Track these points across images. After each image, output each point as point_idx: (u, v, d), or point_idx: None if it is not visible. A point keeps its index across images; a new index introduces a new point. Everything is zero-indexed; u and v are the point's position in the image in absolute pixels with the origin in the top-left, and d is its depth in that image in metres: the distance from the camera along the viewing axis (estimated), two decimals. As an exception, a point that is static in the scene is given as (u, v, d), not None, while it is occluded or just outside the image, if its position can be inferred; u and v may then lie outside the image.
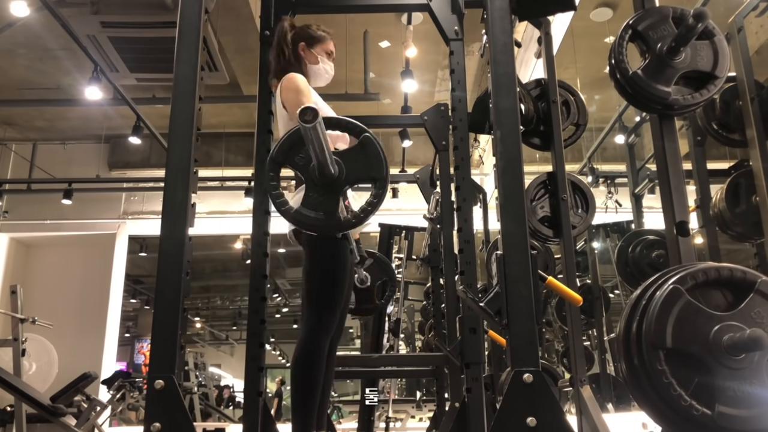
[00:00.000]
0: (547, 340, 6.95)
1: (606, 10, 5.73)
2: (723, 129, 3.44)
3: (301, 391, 2.07)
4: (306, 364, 2.09)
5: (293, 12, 2.61)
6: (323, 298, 2.16)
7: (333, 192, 1.67)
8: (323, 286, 2.17)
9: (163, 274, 1.66)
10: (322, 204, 1.66)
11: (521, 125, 1.79)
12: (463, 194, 2.59)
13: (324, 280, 2.17)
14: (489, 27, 1.85)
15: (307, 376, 2.08)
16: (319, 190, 1.66)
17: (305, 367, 2.08)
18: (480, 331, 2.49)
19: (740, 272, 1.42)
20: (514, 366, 1.56)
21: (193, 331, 15.77)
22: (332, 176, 1.64)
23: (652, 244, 3.98)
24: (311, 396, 2.07)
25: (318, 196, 1.66)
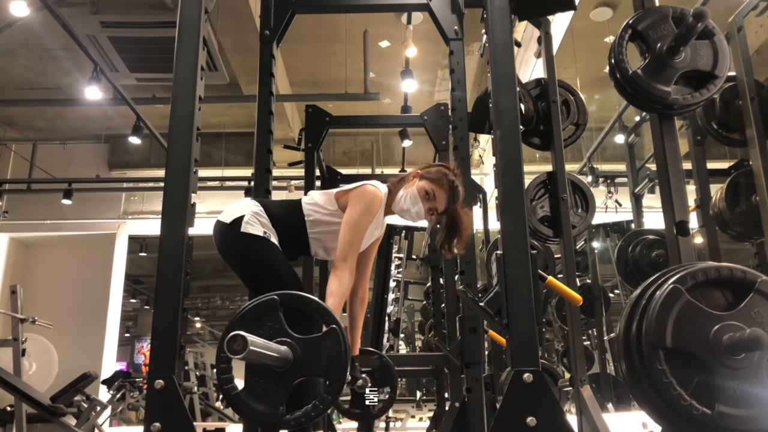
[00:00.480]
0: (547, 340, 6.95)
1: (606, 10, 5.73)
2: (723, 128, 3.45)
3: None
4: None
5: (293, 12, 2.61)
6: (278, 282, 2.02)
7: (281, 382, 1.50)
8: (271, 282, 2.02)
9: (163, 274, 1.66)
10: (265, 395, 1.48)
11: (521, 125, 1.79)
12: (463, 194, 2.59)
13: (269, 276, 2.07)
14: (489, 27, 1.85)
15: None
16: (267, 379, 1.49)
17: None
18: (480, 331, 2.49)
19: (740, 272, 1.42)
20: (514, 366, 1.56)
21: (193, 331, 15.76)
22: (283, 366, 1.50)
23: (652, 244, 3.98)
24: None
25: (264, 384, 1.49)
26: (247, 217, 2.09)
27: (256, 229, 2.08)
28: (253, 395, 1.49)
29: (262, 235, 2.08)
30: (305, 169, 3.53)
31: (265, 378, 1.50)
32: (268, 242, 2.09)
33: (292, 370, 1.50)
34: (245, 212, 2.11)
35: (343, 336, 1.52)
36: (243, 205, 2.17)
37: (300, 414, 1.49)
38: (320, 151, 3.74)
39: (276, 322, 1.52)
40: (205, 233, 2.19)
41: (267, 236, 2.09)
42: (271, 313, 1.52)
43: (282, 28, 2.59)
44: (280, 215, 2.16)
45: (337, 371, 1.50)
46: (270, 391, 1.49)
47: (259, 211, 2.13)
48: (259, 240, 2.07)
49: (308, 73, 6.89)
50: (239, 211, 2.12)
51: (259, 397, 1.49)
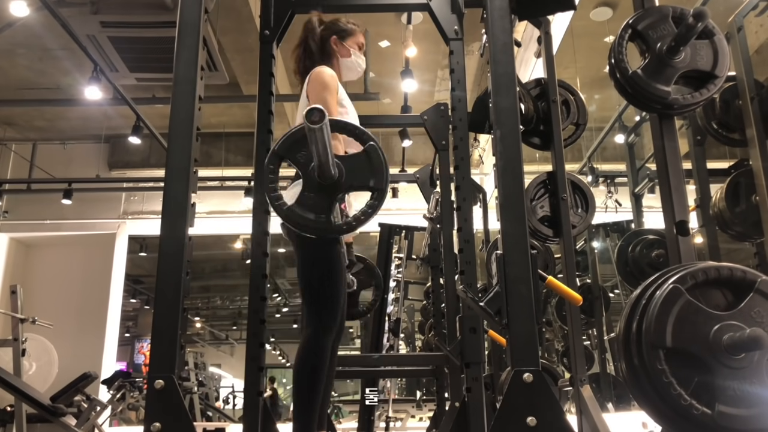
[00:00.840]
0: (547, 340, 6.95)
1: (606, 10, 5.73)
2: (723, 128, 3.44)
3: (304, 392, 2.06)
4: (309, 366, 2.08)
5: (293, 12, 2.60)
6: (322, 300, 2.15)
7: (330, 195, 1.64)
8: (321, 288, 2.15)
9: (163, 274, 1.66)
10: (317, 205, 1.63)
11: (521, 125, 1.79)
12: (462, 194, 2.60)
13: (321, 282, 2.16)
14: (489, 26, 1.85)
15: (311, 378, 2.07)
16: (316, 190, 1.63)
17: (309, 369, 2.08)
18: (480, 331, 2.49)
19: (740, 272, 1.42)
20: (514, 366, 1.56)
21: (193, 331, 15.76)
22: (331, 179, 1.62)
23: (652, 244, 3.98)
24: (314, 397, 2.07)
25: (314, 196, 1.63)
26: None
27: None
28: (305, 207, 1.63)
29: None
30: (305, 169, 3.52)
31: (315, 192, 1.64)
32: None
33: (339, 183, 1.64)
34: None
35: (380, 150, 1.66)
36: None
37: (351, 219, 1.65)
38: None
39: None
40: (206, 233, 2.20)
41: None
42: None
43: (282, 28, 2.59)
44: None
45: (381, 180, 1.65)
46: (319, 204, 1.63)
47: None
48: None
49: (308, 73, 6.88)
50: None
51: (310, 208, 1.63)
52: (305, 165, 1.64)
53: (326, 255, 2.15)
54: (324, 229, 1.64)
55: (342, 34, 2.47)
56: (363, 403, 4.19)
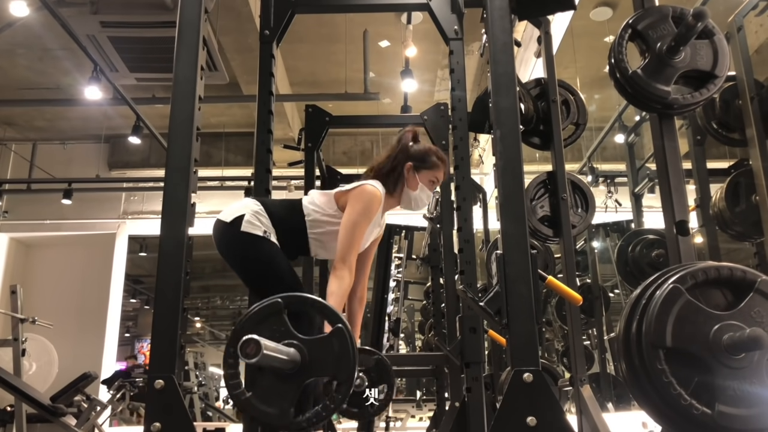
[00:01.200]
0: (547, 340, 6.95)
1: (606, 10, 5.73)
2: (723, 128, 3.44)
3: None
4: None
5: (293, 12, 2.61)
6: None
7: (291, 385, 1.49)
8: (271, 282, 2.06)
9: (163, 274, 1.66)
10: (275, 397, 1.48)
11: (521, 125, 1.79)
12: (462, 194, 2.60)
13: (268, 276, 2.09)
14: (489, 26, 1.85)
15: None
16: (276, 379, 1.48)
17: None
18: (480, 331, 2.49)
19: (740, 271, 1.42)
20: (514, 365, 1.56)
21: (193, 331, 15.76)
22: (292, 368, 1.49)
23: (651, 244, 3.98)
24: None
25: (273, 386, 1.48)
26: (248, 216, 2.09)
27: (256, 229, 2.08)
28: (263, 399, 1.48)
29: (261, 234, 2.08)
30: (305, 169, 3.53)
31: (274, 381, 1.49)
32: (268, 242, 2.09)
33: (301, 372, 1.50)
34: (245, 211, 2.11)
35: (349, 335, 1.52)
36: (243, 204, 2.17)
37: (311, 415, 1.48)
38: (320, 150, 3.74)
39: (281, 324, 1.51)
40: (205, 233, 2.19)
41: (267, 235, 2.09)
42: (276, 316, 1.52)
43: (282, 27, 2.59)
44: (280, 215, 2.17)
45: (345, 371, 1.50)
46: (280, 394, 1.48)
47: (259, 210, 2.13)
48: (259, 239, 2.07)
49: (308, 73, 6.89)
50: (239, 210, 2.12)
51: (269, 400, 1.48)
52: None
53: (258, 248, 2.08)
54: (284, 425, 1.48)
55: (419, 165, 2.31)
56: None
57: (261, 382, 1.49)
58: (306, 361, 1.49)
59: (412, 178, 2.29)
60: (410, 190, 2.30)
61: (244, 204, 2.17)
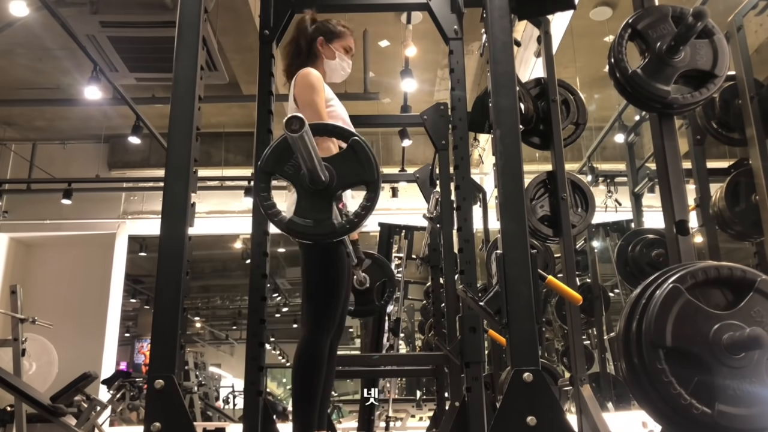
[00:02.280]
0: (547, 339, 6.95)
1: (605, 9, 5.73)
2: (722, 128, 3.44)
3: (302, 392, 2.07)
4: (307, 366, 2.09)
5: (293, 11, 2.60)
6: (322, 303, 2.17)
7: (325, 198, 1.62)
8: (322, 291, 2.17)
9: (163, 274, 1.66)
10: (314, 211, 1.61)
11: (521, 124, 1.79)
12: (462, 193, 2.60)
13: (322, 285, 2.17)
14: (488, 26, 1.85)
15: (309, 378, 2.08)
16: (311, 197, 1.62)
17: (306, 369, 2.09)
18: (480, 331, 2.49)
19: (740, 271, 1.42)
20: (514, 365, 1.56)
21: (193, 331, 15.76)
22: (323, 183, 1.60)
23: (651, 243, 3.98)
24: (313, 397, 2.07)
25: (309, 203, 1.62)
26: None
27: None
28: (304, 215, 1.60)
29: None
30: (305, 169, 3.52)
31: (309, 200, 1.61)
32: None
33: (331, 185, 1.61)
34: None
35: (364, 144, 1.62)
36: None
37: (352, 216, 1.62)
38: (320, 150, 3.73)
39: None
40: (205, 233, 2.20)
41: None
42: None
43: (282, 27, 2.59)
44: None
45: (372, 173, 1.62)
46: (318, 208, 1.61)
47: None
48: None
49: (308, 72, 6.88)
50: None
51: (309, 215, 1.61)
52: (294, 175, 1.62)
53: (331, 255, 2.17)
54: (327, 233, 1.62)
55: (329, 36, 2.46)
56: (363, 403, 4.19)
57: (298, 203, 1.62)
58: (334, 176, 1.61)
59: (327, 49, 2.45)
60: (330, 60, 2.45)
61: None
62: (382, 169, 8.06)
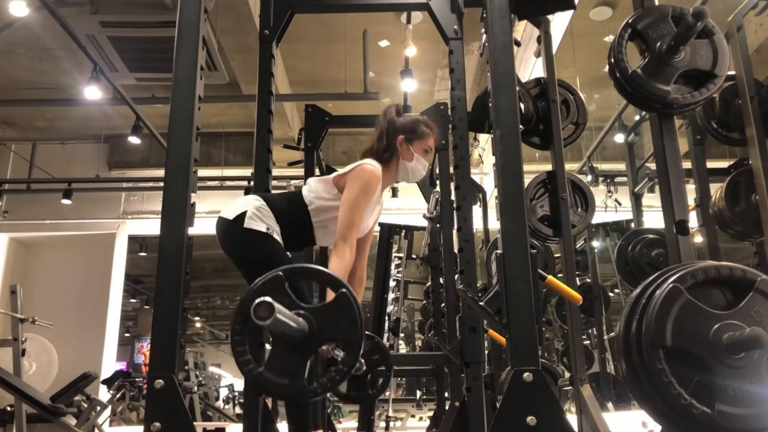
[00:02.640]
0: (547, 339, 6.95)
1: (605, 9, 5.73)
2: (722, 128, 3.44)
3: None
4: None
5: (293, 11, 2.61)
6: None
7: (301, 353, 1.49)
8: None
9: (163, 274, 1.66)
10: (288, 367, 1.48)
11: (521, 124, 1.79)
12: (462, 193, 2.60)
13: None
14: (488, 26, 1.85)
15: None
16: (286, 351, 1.49)
17: None
18: (480, 331, 2.49)
19: (740, 271, 1.42)
20: (514, 365, 1.56)
21: (193, 331, 15.77)
22: (301, 337, 1.49)
23: (651, 243, 3.98)
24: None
25: (285, 357, 1.49)
26: (250, 212, 2.12)
27: (259, 225, 2.11)
28: (275, 371, 1.48)
29: (264, 230, 2.10)
30: (305, 169, 3.53)
31: (284, 353, 1.50)
32: (271, 238, 2.12)
33: (310, 340, 1.50)
34: (247, 208, 2.13)
35: (353, 298, 1.53)
36: (245, 201, 2.19)
37: (326, 380, 1.49)
38: (320, 150, 3.74)
39: (285, 296, 1.51)
40: (205, 233, 2.20)
41: (270, 232, 2.11)
42: (279, 289, 1.52)
43: (281, 27, 2.59)
44: (282, 207, 2.19)
45: (354, 333, 1.51)
46: (291, 365, 1.49)
47: (261, 206, 2.15)
48: (261, 236, 2.10)
49: (308, 72, 6.89)
50: (241, 207, 2.14)
51: (280, 372, 1.48)
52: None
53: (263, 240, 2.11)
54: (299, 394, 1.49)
55: (411, 136, 2.35)
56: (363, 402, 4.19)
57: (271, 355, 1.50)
58: (314, 329, 1.50)
59: (406, 150, 2.34)
60: (406, 161, 2.35)
61: (245, 201, 2.18)
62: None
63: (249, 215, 2.11)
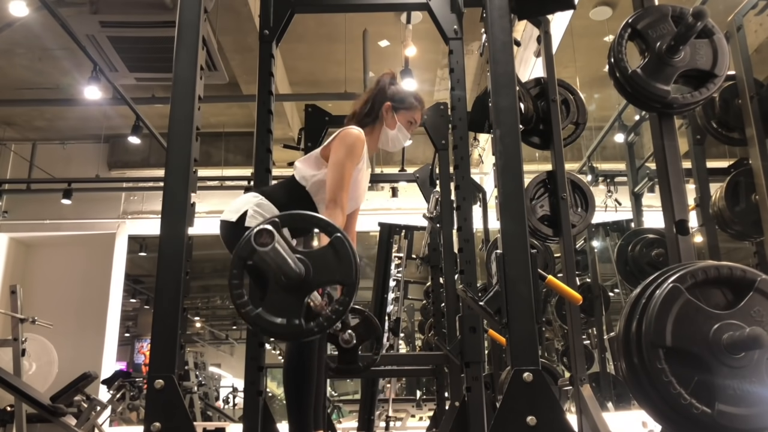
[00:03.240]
0: (547, 339, 6.95)
1: (605, 9, 5.73)
2: (722, 127, 3.44)
3: (297, 392, 2.07)
4: (300, 366, 2.09)
5: (293, 11, 2.61)
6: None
7: (297, 295, 1.53)
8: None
9: (163, 274, 1.66)
10: (284, 309, 1.51)
11: (521, 124, 1.79)
12: (462, 193, 2.60)
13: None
14: (488, 26, 1.86)
15: (303, 377, 2.08)
16: (283, 292, 1.52)
17: (299, 369, 2.09)
18: (480, 330, 2.49)
19: (740, 271, 1.42)
20: (514, 365, 1.56)
21: (193, 331, 15.77)
22: (298, 278, 1.52)
23: (651, 243, 3.98)
24: (307, 396, 2.08)
25: (281, 299, 1.52)
26: (251, 211, 2.12)
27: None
28: (273, 312, 1.51)
29: None
30: (305, 169, 3.53)
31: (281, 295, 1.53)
32: None
33: (306, 282, 1.54)
34: (248, 206, 2.14)
35: (348, 242, 1.55)
36: (244, 200, 2.20)
37: (322, 320, 1.52)
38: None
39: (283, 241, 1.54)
40: (205, 233, 2.21)
41: None
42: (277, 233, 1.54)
43: (281, 27, 2.59)
44: (282, 196, 2.21)
45: (350, 274, 1.54)
46: (287, 306, 1.52)
47: (260, 202, 2.16)
48: None
49: (308, 72, 6.89)
50: (242, 207, 2.15)
51: (278, 312, 1.51)
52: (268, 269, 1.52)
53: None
54: (295, 333, 1.53)
55: (398, 106, 2.39)
56: (363, 403, 4.19)
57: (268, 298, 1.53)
58: (310, 272, 1.54)
59: (390, 117, 2.38)
60: (388, 129, 2.38)
61: (245, 200, 2.19)
62: (382, 169, 8.08)
63: (250, 214, 2.11)
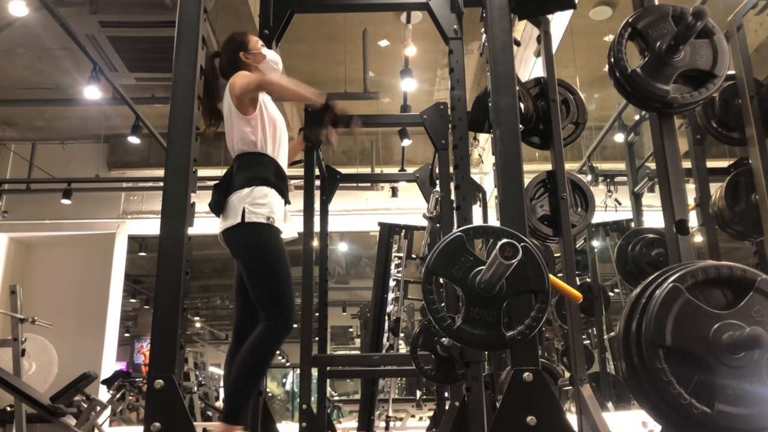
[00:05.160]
0: (547, 339, 6.95)
1: (605, 9, 5.73)
2: (722, 127, 3.44)
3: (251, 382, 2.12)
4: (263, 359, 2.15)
5: (292, 11, 2.61)
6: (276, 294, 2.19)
7: (494, 306, 1.56)
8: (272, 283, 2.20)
9: (163, 274, 1.66)
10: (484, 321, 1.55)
11: (520, 124, 1.79)
12: (462, 193, 2.60)
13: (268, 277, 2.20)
14: (488, 26, 1.86)
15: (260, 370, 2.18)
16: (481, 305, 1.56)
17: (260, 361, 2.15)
18: (480, 330, 2.48)
19: (740, 270, 1.42)
20: (514, 365, 1.56)
21: (193, 331, 15.76)
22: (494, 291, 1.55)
23: (651, 243, 3.97)
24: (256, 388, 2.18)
25: (480, 311, 1.56)
26: (247, 207, 2.21)
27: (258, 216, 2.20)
28: (474, 325, 1.54)
29: (265, 221, 2.20)
30: (305, 169, 3.54)
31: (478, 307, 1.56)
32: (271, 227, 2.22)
33: (502, 293, 1.56)
34: (241, 204, 2.22)
35: (536, 252, 1.58)
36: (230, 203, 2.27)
37: (523, 328, 1.54)
38: (320, 150, 3.74)
39: (469, 254, 1.58)
40: (205, 233, 2.22)
41: (270, 222, 2.21)
42: (462, 248, 1.58)
43: (281, 27, 2.60)
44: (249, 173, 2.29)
45: (542, 284, 1.57)
46: (487, 317, 1.56)
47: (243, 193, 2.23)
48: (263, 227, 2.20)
49: (308, 72, 6.89)
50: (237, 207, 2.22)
51: (479, 324, 1.55)
52: (462, 279, 1.57)
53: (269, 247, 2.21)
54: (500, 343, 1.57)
55: (243, 47, 2.45)
56: (363, 402, 4.19)
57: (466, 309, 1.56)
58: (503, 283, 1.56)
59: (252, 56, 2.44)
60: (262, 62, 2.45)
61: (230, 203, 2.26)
62: (382, 169, 8.07)
63: (248, 210, 2.19)
